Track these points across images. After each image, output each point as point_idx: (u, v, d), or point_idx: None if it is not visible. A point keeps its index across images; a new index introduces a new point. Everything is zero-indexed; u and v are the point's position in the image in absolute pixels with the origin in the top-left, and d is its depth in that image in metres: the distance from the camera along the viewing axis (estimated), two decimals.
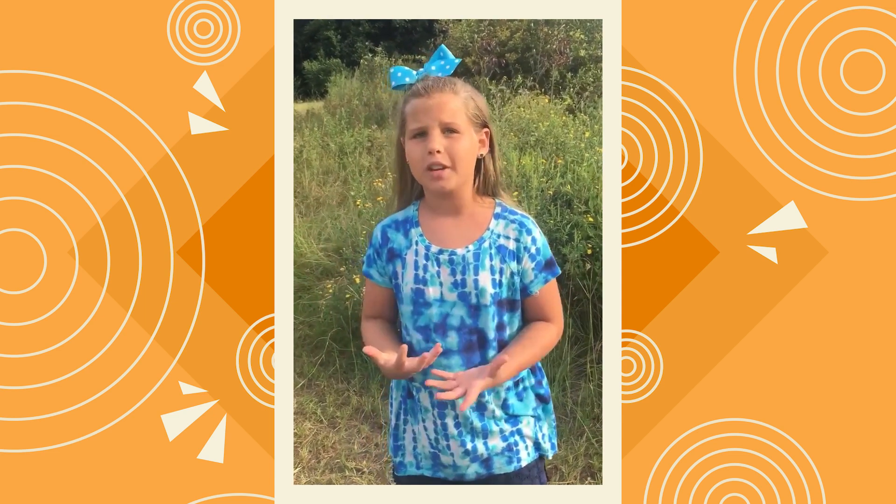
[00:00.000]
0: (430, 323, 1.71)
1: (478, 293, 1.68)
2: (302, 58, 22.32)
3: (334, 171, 8.22)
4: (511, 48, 9.94)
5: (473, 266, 1.69)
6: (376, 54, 13.16)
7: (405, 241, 1.74)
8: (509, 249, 1.71)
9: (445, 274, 1.69)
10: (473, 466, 1.76)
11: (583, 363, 3.86)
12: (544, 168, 4.94)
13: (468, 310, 1.69)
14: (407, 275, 1.72)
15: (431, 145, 1.63)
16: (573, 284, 3.87)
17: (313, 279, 5.33)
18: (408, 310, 1.73)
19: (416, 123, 1.66)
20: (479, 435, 1.73)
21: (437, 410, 1.73)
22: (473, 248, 1.70)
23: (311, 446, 3.61)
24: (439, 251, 1.70)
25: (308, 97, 16.92)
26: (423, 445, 1.79)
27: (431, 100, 1.65)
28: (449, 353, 1.70)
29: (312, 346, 4.57)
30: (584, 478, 3.20)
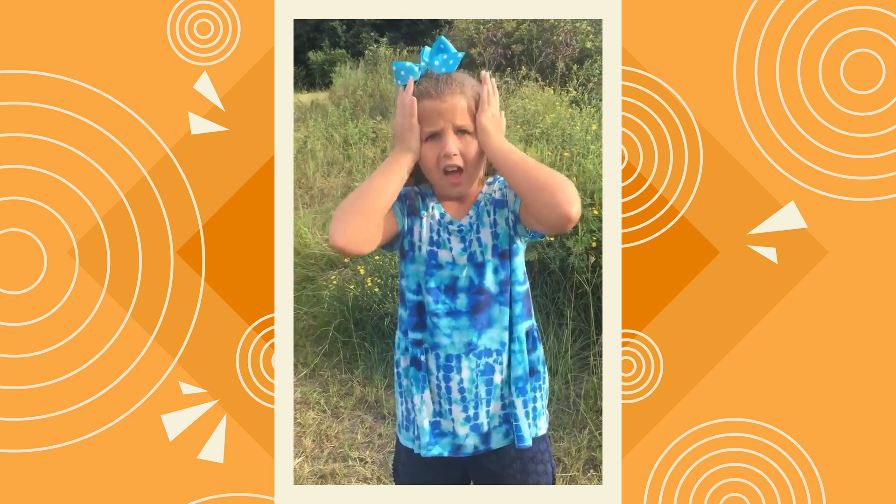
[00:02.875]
0: (440, 284, 1.75)
1: (482, 250, 1.74)
2: (307, 48, 22.27)
3: (339, 163, 8.22)
4: (517, 39, 9.92)
5: (476, 226, 1.75)
6: (381, 45, 13.13)
7: (422, 204, 1.78)
8: (497, 199, 1.76)
9: (455, 241, 1.75)
10: (472, 438, 1.77)
11: (586, 356, 3.87)
12: (550, 160, 4.94)
13: (475, 269, 1.74)
14: (424, 234, 1.76)
15: (448, 149, 1.67)
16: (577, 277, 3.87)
17: (317, 270, 5.35)
18: (420, 269, 1.76)
19: (429, 126, 1.68)
20: (483, 402, 1.75)
21: (443, 373, 1.75)
22: (473, 213, 1.76)
23: (314, 436, 3.63)
24: (450, 221, 1.76)
25: (313, 88, 16.91)
26: (427, 415, 1.79)
27: (445, 103, 1.67)
28: (458, 313, 1.74)
29: (316, 337, 4.59)
30: (586, 470, 3.21)
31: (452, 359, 1.74)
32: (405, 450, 1.86)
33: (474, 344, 1.74)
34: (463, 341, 1.74)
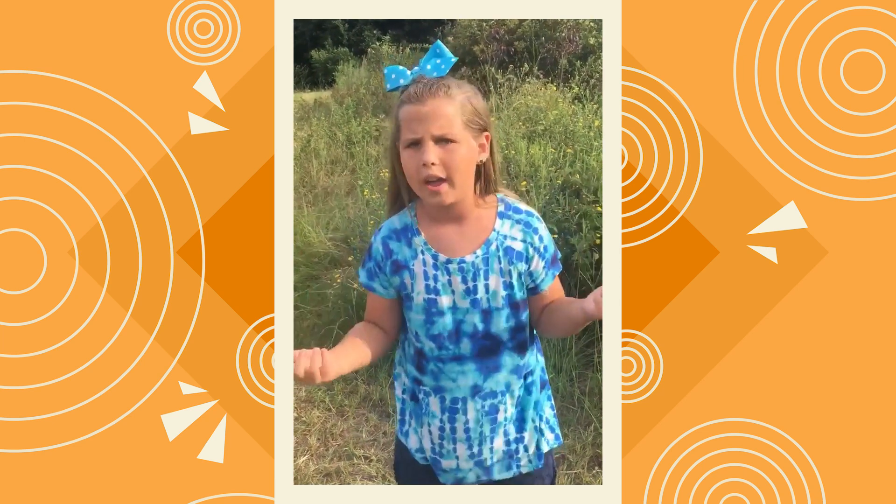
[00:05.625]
0: (443, 331, 1.69)
1: (489, 297, 1.68)
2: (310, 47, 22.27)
3: (342, 161, 8.21)
4: (519, 36, 9.90)
5: (483, 271, 1.67)
6: (384, 43, 13.11)
7: (409, 252, 1.71)
8: (517, 251, 1.70)
9: (457, 282, 1.68)
10: (475, 471, 1.77)
11: (590, 353, 3.88)
12: (553, 157, 4.94)
13: (481, 315, 1.68)
14: (417, 285, 1.70)
15: (426, 158, 1.59)
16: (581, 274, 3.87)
17: (322, 269, 5.35)
18: (419, 318, 1.71)
19: (409, 133, 1.62)
20: (487, 439, 1.74)
21: (448, 415, 1.73)
22: (482, 252, 1.68)
23: (319, 434, 3.65)
24: (447, 261, 1.68)
25: (316, 86, 16.90)
26: (426, 449, 1.79)
27: (425, 107, 1.60)
28: (463, 358, 1.70)
29: (320, 335, 4.60)
30: (591, 467, 3.22)
31: (458, 401, 1.72)
32: (406, 450, 1.86)
33: (480, 387, 1.71)
34: (468, 385, 1.71)
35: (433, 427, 1.76)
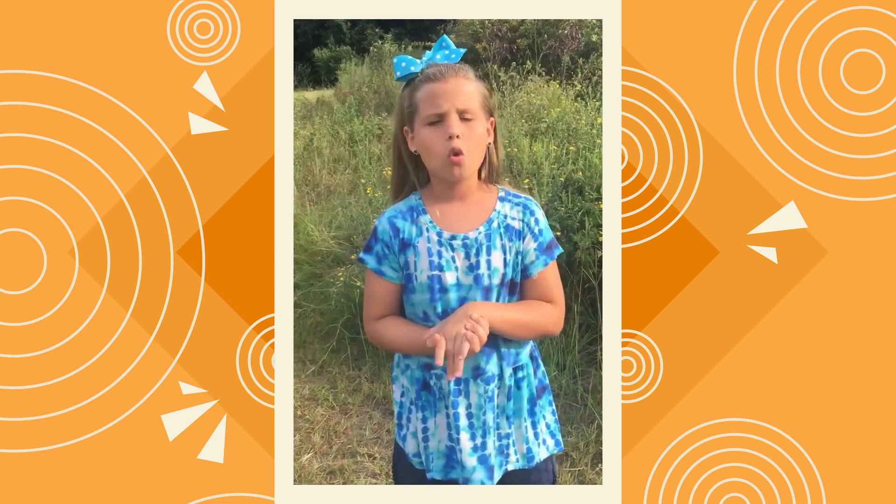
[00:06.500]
0: (448, 308, 1.69)
1: (490, 273, 1.69)
2: (312, 45, 22.26)
3: (345, 160, 8.21)
4: (522, 34, 9.90)
5: (486, 247, 1.69)
6: (385, 41, 13.10)
7: (415, 230, 1.73)
8: (515, 229, 1.72)
9: (460, 258, 1.69)
10: (479, 472, 1.75)
11: (593, 351, 3.88)
12: (556, 155, 4.93)
13: (482, 292, 1.69)
14: (421, 263, 1.70)
15: (452, 130, 1.63)
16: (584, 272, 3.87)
17: (324, 267, 5.34)
18: (424, 298, 1.71)
19: (432, 109, 1.65)
20: (490, 430, 1.73)
21: (452, 398, 1.73)
22: (484, 229, 1.70)
23: (322, 432, 3.64)
24: (451, 237, 1.70)
25: (318, 85, 16.89)
26: (441, 440, 1.78)
27: (448, 84, 1.65)
28: None
29: (324, 334, 4.60)
30: (594, 464, 3.22)
31: (461, 382, 1.72)
32: (405, 452, 1.86)
33: (482, 369, 1.71)
34: (470, 365, 1.70)
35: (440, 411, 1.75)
